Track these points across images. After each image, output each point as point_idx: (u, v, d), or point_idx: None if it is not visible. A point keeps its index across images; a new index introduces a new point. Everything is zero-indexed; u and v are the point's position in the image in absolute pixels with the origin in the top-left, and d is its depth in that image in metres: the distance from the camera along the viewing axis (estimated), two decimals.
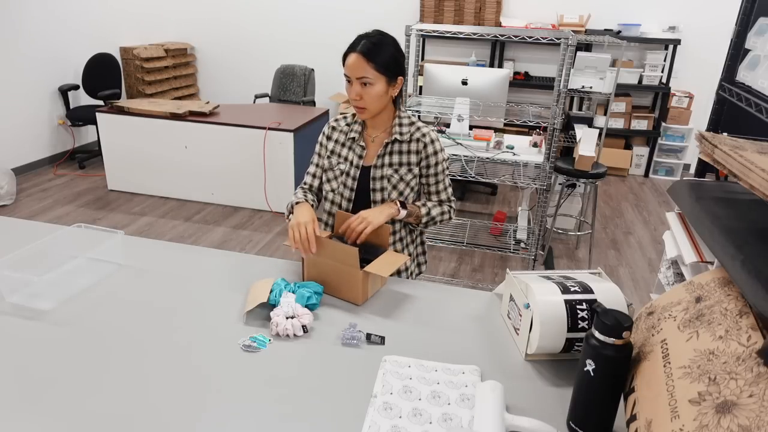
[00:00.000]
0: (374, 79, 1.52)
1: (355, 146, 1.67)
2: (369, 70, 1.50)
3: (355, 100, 1.54)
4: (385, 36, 1.56)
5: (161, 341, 1.26)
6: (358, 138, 1.67)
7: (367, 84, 1.52)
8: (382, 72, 1.52)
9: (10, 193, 4.31)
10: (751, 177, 1.15)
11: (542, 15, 5.50)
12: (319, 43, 6.14)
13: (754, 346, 0.83)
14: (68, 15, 5.22)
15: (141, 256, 1.65)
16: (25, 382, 1.12)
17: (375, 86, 1.52)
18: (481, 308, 1.45)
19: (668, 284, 1.92)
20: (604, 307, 0.99)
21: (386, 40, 1.55)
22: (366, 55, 1.50)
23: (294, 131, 4.08)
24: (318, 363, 1.21)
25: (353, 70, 1.52)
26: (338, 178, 1.68)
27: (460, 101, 3.25)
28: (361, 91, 1.53)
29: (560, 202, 3.75)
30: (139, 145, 4.40)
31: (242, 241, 3.84)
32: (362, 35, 1.55)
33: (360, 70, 1.51)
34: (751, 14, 2.09)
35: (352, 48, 1.53)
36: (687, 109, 5.35)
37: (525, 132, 4.81)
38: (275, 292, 1.38)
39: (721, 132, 2.21)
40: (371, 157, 1.66)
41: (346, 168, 1.67)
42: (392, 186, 1.65)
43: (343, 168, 1.68)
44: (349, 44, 1.55)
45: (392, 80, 1.56)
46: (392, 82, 1.56)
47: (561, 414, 1.07)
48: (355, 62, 1.51)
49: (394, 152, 1.64)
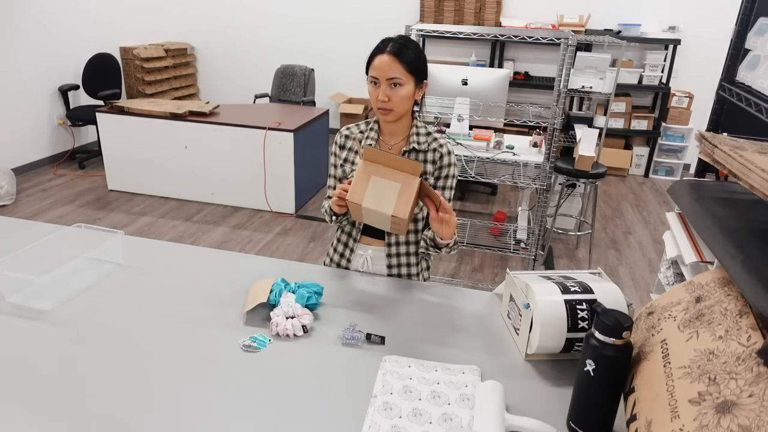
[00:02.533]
0: (404, 79, 1.50)
1: None
2: (400, 70, 1.49)
3: (383, 101, 1.51)
4: (410, 39, 1.55)
5: (161, 341, 1.26)
6: (374, 145, 1.65)
7: (397, 85, 1.50)
8: (412, 72, 1.51)
9: (10, 193, 4.31)
10: (751, 177, 1.15)
11: (542, 15, 5.50)
12: (319, 43, 6.14)
13: (754, 346, 0.83)
14: (68, 15, 5.23)
15: (141, 256, 1.65)
16: (25, 382, 1.12)
17: (404, 87, 1.51)
18: (481, 308, 1.45)
19: (668, 284, 1.92)
20: (604, 307, 0.99)
21: (412, 44, 1.54)
22: (396, 56, 1.49)
23: (294, 131, 4.07)
24: (318, 363, 1.21)
25: (383, 70, 1.49)
26: None
27: (460, 101, 3.25)
28: (390, 92, 1.51)
29: (560, 202, 3.75)
30: (139, 145, 4.39)
31: (242, 241, 3.84)
32: (387, 39, 1.54)
33: (390, 71, 1.49)
34: (751, 14, 2.09)
35: (379, 50, 1.51)
36: (687, 109, 5.35)
37: (525, 132, 4.81)
38: (275, 292, 1.38)
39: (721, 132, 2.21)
40: None
41: None
42: None
43: None
44: (375, 47, 1.53)
45: (419, 83, 1.55)
46: (419, 84, 1.55)
47: (561, 414, 1.07)
48: (385, 63, 1.49)
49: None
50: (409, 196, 1.32)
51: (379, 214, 1.34)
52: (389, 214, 1.32)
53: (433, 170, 1.64)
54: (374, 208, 1.33)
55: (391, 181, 1.34)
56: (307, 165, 4.42)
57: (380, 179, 1.35)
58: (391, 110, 1.52)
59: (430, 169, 1.63)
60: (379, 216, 1.35)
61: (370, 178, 1.36)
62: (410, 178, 1.33)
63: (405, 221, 1.33)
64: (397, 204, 1.32)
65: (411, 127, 1.64)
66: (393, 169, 1.35)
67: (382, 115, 1.55)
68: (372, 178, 1.36)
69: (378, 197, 1.34)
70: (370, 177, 1.36)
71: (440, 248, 1.55)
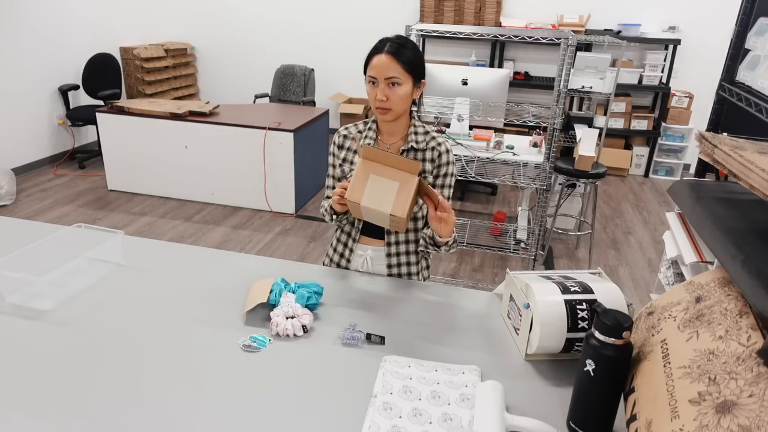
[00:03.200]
0: (402, 79, 1.50)
1: None
2: (398, 70, 1.49)
3: (381, 101, 1.52)
4: (407, 39, 1.55)
5: (161, 341, 1.26)
6: (373, 145, 1.65)
7: (395, 84, 1.50)
8: (410, 72, 1.51)
9: (10, 193, 4.31)
10: (751, 177, 1.15)
11: (542, 15, 5.50)
12: (319, 43, 6.14)
13: (754, 346, 0.83)
14: (68, 15, 5.23)
15: (141, 256, 1.65)
16: (25, 381, 1.12)
17: (403, 86, 1.51)
18: (481, 308, 1.45)
19: (668, 284, 1.92)
20: (604, 307, 0.99)
21: (409, 43, 1.54)
22: (394, 55, 1.49)
23: (294, 131, 4.08)
24: (318, 363, 1.21)
25: (381, 70, 1.50)
26: None
27: (460, 101, 3.25)
28: (388, 92, 1.51)
29: (560, 202, 3.75)
30: (139, 145, 4.40)
31: (242, 241, 3.84)
32: (384, 39, 1.54)
33: (389, 70, 1.49)
34: (751, 14, 2.09)
35: (377, 50, 1.52)
36: (687, 109, 5.35)
37: (525, 132, 4.81)
38: (275, 292, 1.38)
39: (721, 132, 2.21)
40: None
41: None
42: None
43: None
44: (373, 47, 1.53)
45: (417, 82, 1.56)
46: (417, 84, 1.56)
47: (561, 414, 1.07)
48: (383, 62, 1.49)
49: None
50: (408, 195, 1.32)
51: (378, 212, 1.34)
52: (388, 213, 1.32)
53: (431, 169, 1.64)
54: (373, 207, 1.33)
55: (389, 180, 1.35)
56: (307, 165, 4.42)
57: (379, 178, 1.35)
58: (389, 109, 1.52)
59: (429, 168, 1.64)
60: (378, 214, 1.36)
61: (369, 177, 1.36)
62: (409, 177, 1.33)
63: (404, 219, 1.33)
64: (396, 203, 1.32)
65: (409, 126, 1.64)
66: (392, 168, 1.35)
67: (381, 114, 1.55)
68: (371, 177, 1.36)
69: (377, 196, 1.34)
70: (369, 176, 1.36)
71: (439, 246, 1.56)
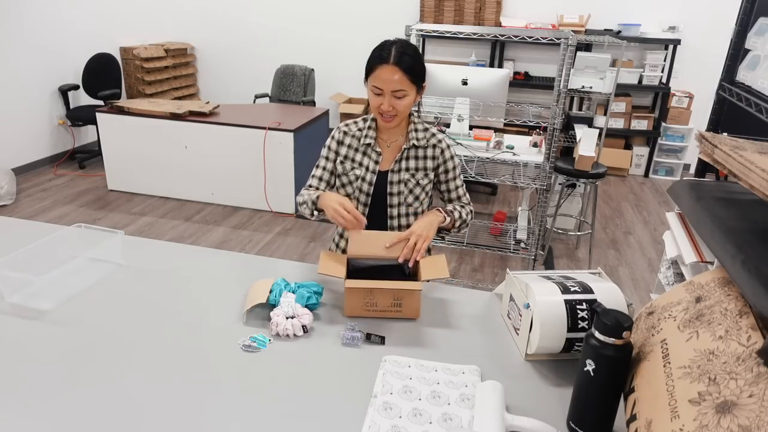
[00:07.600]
0: (408, 89, 1.51)
1: (371, 152, 1.66)
2: (405, 83, 1.48)
3: (387, 111, 1.52)
4: (409, 43, 1.53)
5: (161, 341, 1.26)
6: (373, 144, 1.66)
7: (402, 96, 1.50)
8: (415, 82, 1.52)
9: (10, 193, 4.31)
10: (751, 177, 1.15)
11: (542, 15, 5.50)
12: (319, 43, 6.14)
13: (754, 346, 0.83)
14: (68, 15, 5.22)
15: (141, 256, 1.65)
16: (25, 381, 1.12)
17: (409, 96, 1.52)
18: (481, 308, 1.45)
19: (668, 284, 1.92)
20: (604, 307, 0.99)
21: (410, 49, 1.52)
22: (402, 67, 1.47)
23: (294, 131, 4.08)
24: (318, 363, 1.21)
25: (389, 83, 1.48)
26: (353, 183, 1.67)
27: (460, 101, 3.25)
28: (394, 102, 1.51)
29: (560, 202, 3.75)
30: (139, 145, 4.39)
31: (242, 241, 3.84)
32: (388, 44, 1.51)
33: (396, 83, 1.48)
34: (751, 14, 2.09)
35: (383, 59, 1.48)
36: (687, 109, 5.35)
37: (525, 132, 4.80)
38: (275, 292, 1.38)
39: (721, 132, 2.21)
40: (388, 162, 1.66)
41: (361, 173, 1.66)
42: (408, 190, 1.66)
43: (358, 173, 1.66)
44: (376, 54, 1.50)
45: (420, 88, 1.56)
46: (419, 89, 1.57)
47: (561, 414, 1.07)
48: (389, 75, 1.47)
49: (410, 157, 1.65)
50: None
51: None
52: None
53: (434, 165, 1.66)
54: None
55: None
56: (307, 165, 4.41)
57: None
58: (395, 116, 1.55)
59: (431, 165, 1.65)
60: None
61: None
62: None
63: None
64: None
65: (409, 124, 1.66)
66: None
67: (386, 122, 1.56)
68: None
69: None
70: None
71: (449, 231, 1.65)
